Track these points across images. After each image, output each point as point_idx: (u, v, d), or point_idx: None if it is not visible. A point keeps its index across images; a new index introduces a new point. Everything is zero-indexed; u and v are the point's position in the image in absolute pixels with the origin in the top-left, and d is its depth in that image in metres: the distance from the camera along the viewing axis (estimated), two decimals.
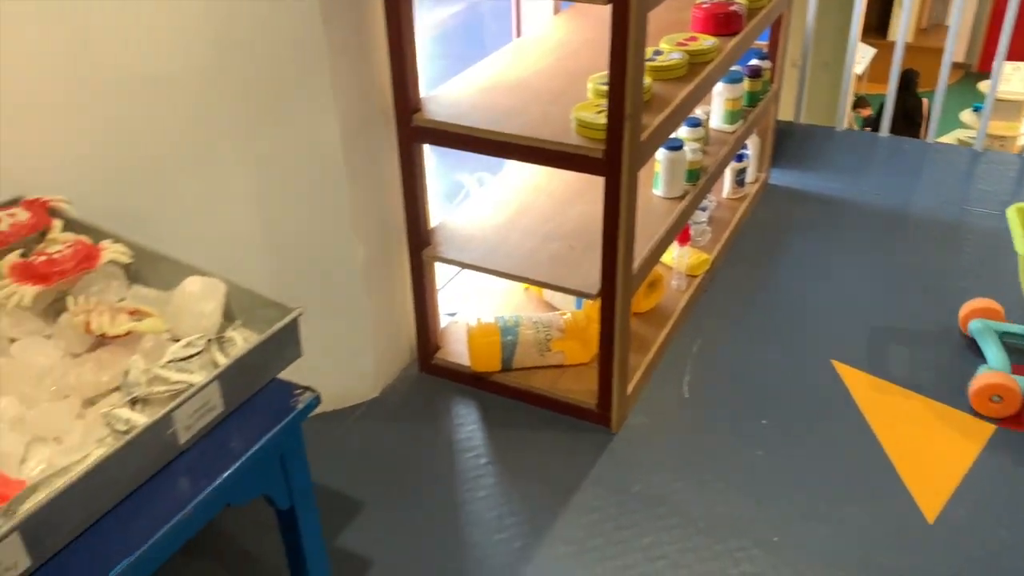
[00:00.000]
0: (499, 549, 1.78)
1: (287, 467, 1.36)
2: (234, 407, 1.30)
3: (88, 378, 1.29)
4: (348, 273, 2.02)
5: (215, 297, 1.40)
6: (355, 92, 1.87)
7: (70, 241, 1.48)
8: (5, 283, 1.39)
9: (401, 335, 2.28)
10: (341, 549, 1.78)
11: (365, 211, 2.00)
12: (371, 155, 1.97)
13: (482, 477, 1.95)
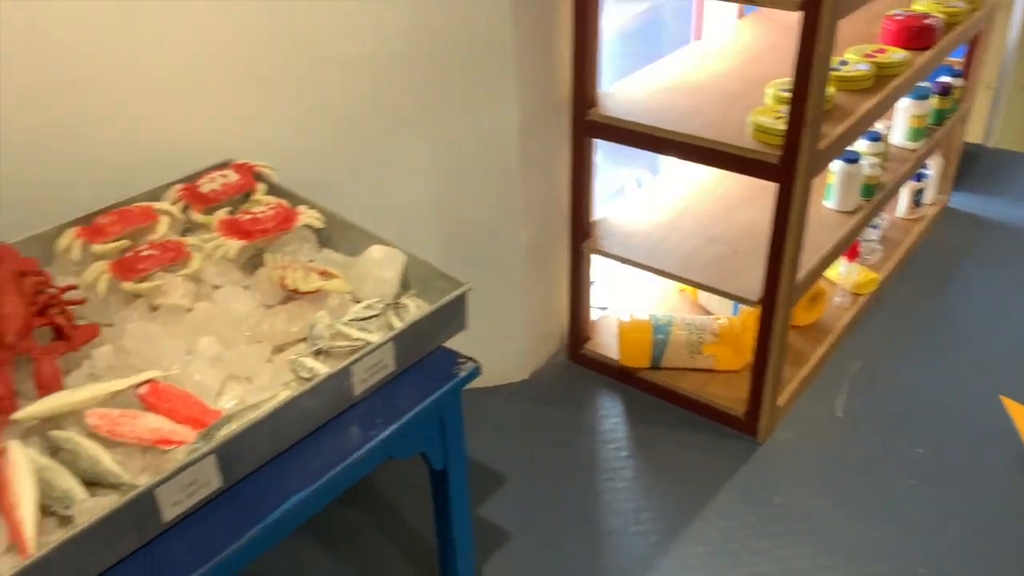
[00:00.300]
0: (635, 540, 1.80)
1: (445, 430, 1.44)
2: (403, 368, 1.39)
3: (279, 327, 1.41)
4: (511, 257, 2.10)
5: (395, 266, 1.50)
6: (536, 84, 1.93)
7: (271, 204, 1.62)
8: (213, 236, 1.55)
9: (553, 323, 2.34)
10: (482, 518, 1.86)
11: (533, 199, 2.07)
12: (544, 146, 2.04)
13: (622, 469, 1.98)
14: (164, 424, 1.20)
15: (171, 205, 1.60)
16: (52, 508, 1.08)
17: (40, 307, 1.33)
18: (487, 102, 1.89)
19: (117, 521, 1.05)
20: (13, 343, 1.25)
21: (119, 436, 1.17)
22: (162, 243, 1.50)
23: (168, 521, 1.11)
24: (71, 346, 1.31)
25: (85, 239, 1.49)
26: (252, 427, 1.18)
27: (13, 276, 1.35)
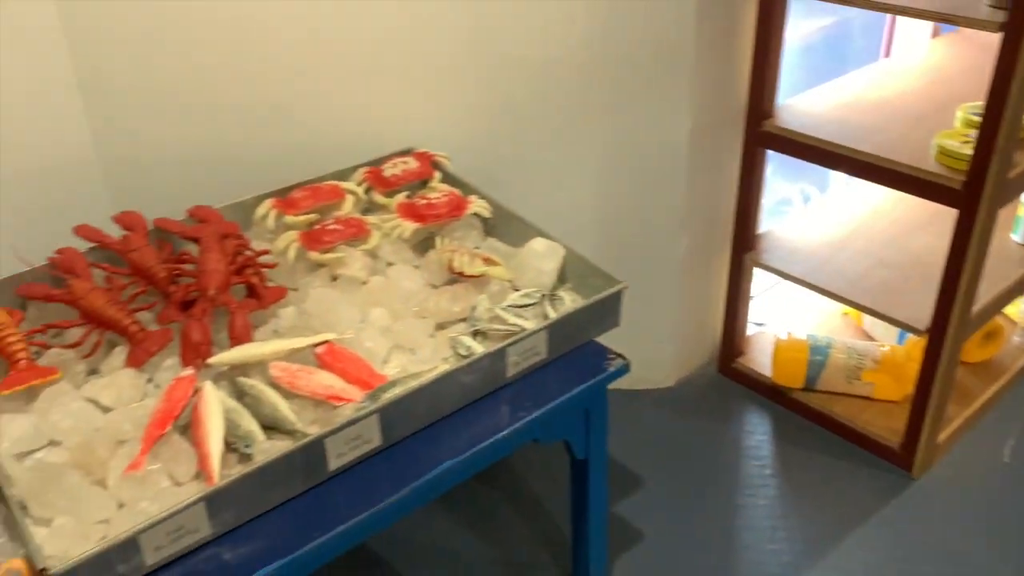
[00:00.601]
0: (768, 558, 1.78)
1: (590, 421, 1.48)
2: (554, 357, 1.45)
3: (443, 306, 1.50)
4: (668, 262, 2.11)
5: (555, 258, 1.56)
6: (711, 91, 1.94)
7: (445, 191, 1.72)
8: (392, 217, 1.66)
9: (706, 333, 2.32)
10: (618, 516, 1.88)
11: (697, 206, 2.07)
12: (714, 153, 2.04)
13: (764, 487, 1.95)
14: (336, 382, 1.31)
15: (356, 186, 1.74)
16: (235, 445, 1.21)
17: (238, 267, 1.48)
18: (661, 106, 1.91)
19: (289, 463, 1.17)
20: (213, 296, 1.40)
21: (296, 389, 1.29)
22: (346, 219, 1.63)
23: (332, 470, 1.22)
24: (262, 304, 1.45)
25: (280, 210, 1.64)
26: (413, 393, 1.27)
27: (217, 237, 1.51)
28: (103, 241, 1.52)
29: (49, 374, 1.28)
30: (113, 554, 1.03)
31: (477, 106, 1.89)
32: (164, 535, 1.07)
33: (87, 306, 1.38)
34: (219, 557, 1.11)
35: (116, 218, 1.57)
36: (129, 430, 1.22)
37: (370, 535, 1.24)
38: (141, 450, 1.16)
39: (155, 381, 1.34)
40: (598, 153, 1.96)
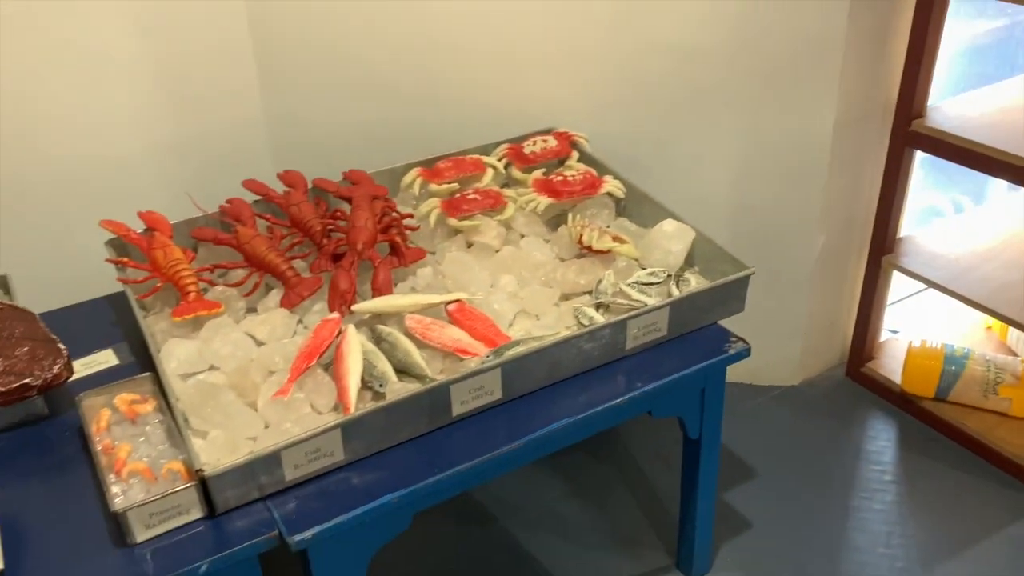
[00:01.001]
0: (880, 561, 1.75)
1: (705, 402, 1.51)
2: (675, 335, 1.48)
3: (570, 278, 1.57)
4: (801, 259, 2.09)
5: (684, 240, 1.59)
6: (859, 87, 1.91)
7: (581, 170, 1.78)
8: (528, 191, 1.74)
9: (835, 334, 2.28)
10: (727, 503, 1.90)
11: (836, 204, 2.04)
12: (857, 151, 2.00)
13: (882, 492, 1.91)
14: (464, 337, 1.40)
15: (497, 160, 1.82)
16: (370, 384, 1.32)
17: (384, 226, 1.60)
18: (806, 100, 1.90)
19: (417, 404, 1.26)
20: (361, 251, 1.52)
21: (428, 340, 1.39)
22: (485, 191, 1.72)
23: (455, 415, 1.31)
24: (403, 262, 1.56)
25: (425, 178, 1.75)
26: (535, 353, 1.34)
27: (368, 198, 1.63)
28: (267, 195, 1.67)
29: (214, 307, 1.43)
30: (258, 465, 1.16)
31: (620, 91, 1.94)
32: (303, 455, 1.18)
33: (250, 251, 1.52)
34: (348, 481, 1.22)
35: (280, 175, 1.72)
36: (279, 362, 1.35)
37: (484, 481, 1.32)
38: (288, 379, 1.28)
39: (304, 322, 1.47)
40: (738, 144, 1.96)
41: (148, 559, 1.10)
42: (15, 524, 1.14)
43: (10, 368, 1.30)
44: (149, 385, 1.32)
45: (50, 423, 1.34)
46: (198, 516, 1.15)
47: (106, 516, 1.16)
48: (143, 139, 1.81)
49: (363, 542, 1.22)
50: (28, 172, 1.71)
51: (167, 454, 1.21)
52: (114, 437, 1.24)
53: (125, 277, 1.50)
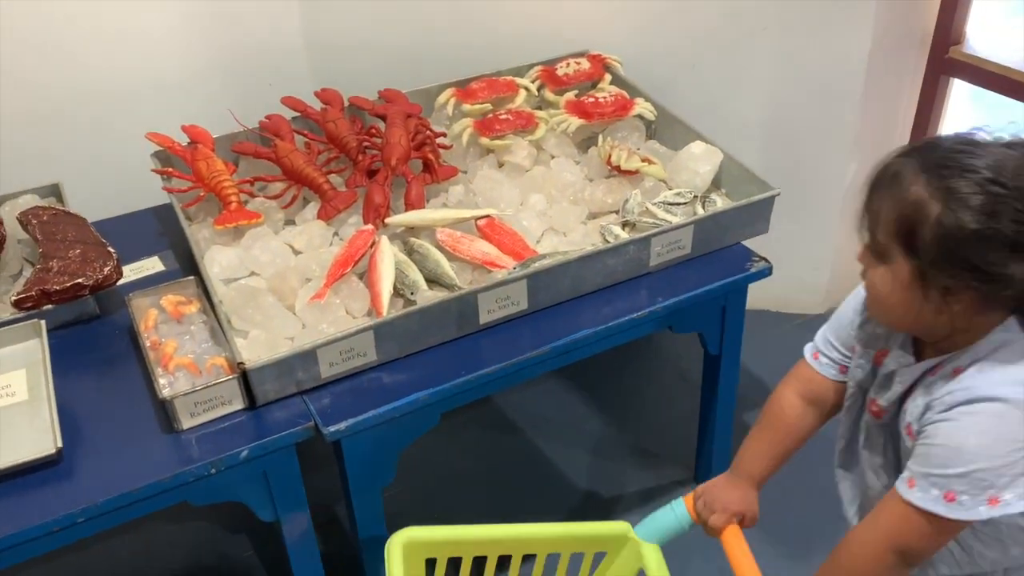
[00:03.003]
0: None
1: (726, 319, 1.55)
2: (699, 253, 1.52)
3: (597, 197, 1.60)
4: (831, 187, 2.09)
5: (711, 162, 1.61)
6: (896, 11, 1.88)
7: (613, 92, 1.79)
8: (559, 112, 1.76)
9: None
10: (745, 423, 1.94)
11: (868, 132, 2.03)
12: (893, 78, 1.98)
13: None
14: (492, 251, 1.45)
15: (530, 82, 1.84)
16: (402, 292, 1.38)
17: (418, 144, 1.64)
18: (841, 24, 1.88)
19: (446, 311, 1.32)
20: (395, 166, 1.56)
21: (458, 252, 1.44)
22: (517, 111, 1.74)
23: (482, 323, 1.36)
24: (435, 179, 1.61)
25: (458, 99, 1.78)
26: (560, 266, 1.38)
27: (402, 116, 1.67)
28: (305, 111, 1.71)
29: (254, 217, 1.50)
30: (296, 361, 1.23)
31: (654, 14, 1.93)
32: (338, 353, 1.25)
33: (288, 165, 1.58)
34: (380, 380, 1.29)
35: (317, 93, 1.77)
36: (316, 270, 1.41)
37: (509, 385, 1.39)
38: (325, 284, 1.34)
39: (340, 234, 1.53)
40: (771, 68, 1.96)
41: (193, 444, 1.19)
42: (72, 411, 1.23)
43: (64, 268, 1.38)
44: (193, 288, 1.39)
45: (101, 322, 1.42)
46: (239, 407, 1.23)
47: (154, 405, 1.24)
48: (187, 57, 1.86)
49: (393, 437, 1.29)
50: (78, 87, 1.77)
51: (210, 351, 1.29)
52: (161, 335, 1.32)
53: (170, 187, 1.56)
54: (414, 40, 1.97)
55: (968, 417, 0.90)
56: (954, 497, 0.90)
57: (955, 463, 0.90)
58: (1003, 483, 0.89)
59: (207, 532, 1.77)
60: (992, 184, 0.84)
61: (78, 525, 1.11)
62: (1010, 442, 0.89)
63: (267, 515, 1.27)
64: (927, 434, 0.93)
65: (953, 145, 0.90)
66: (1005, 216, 0.84)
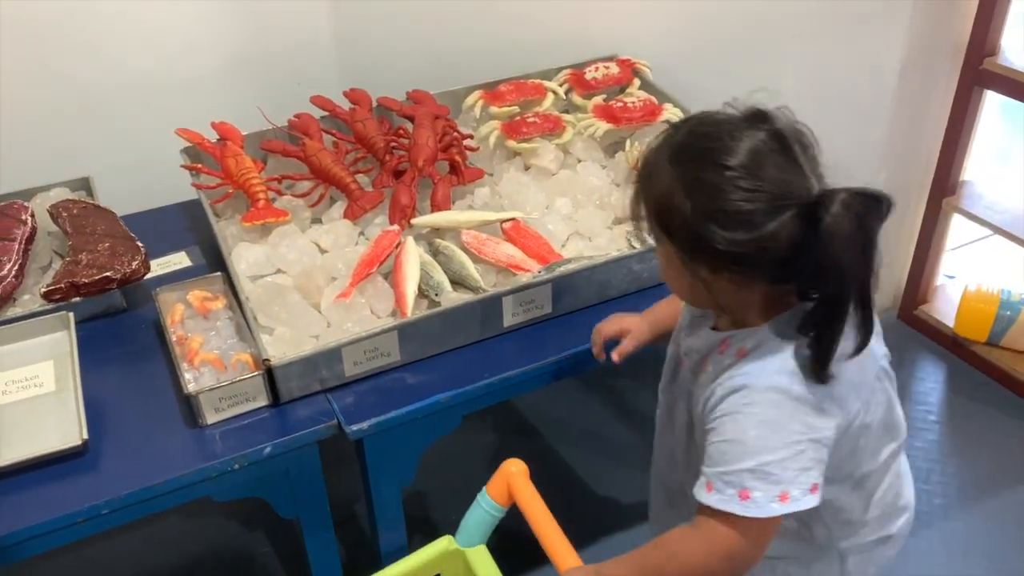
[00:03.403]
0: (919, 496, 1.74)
1: None
2: None
3: (624, 202, 1.58)
4: None
5: None
6: (931, 22, 1.87)
7: (642, 97, 1.79)
8: (587, 116, 1.76)
9: (890, 277, 2.27)
10: None
11: (897, 142, 2.02)
12: (924, 88, 1.97)
13: (925, 431, 1.93)
14: (517, 254, 1.44)
15: (558, 85, 1.84)
16: (426, 292, 1.38)
17: (445, 145, 1.64)
18: (874, 33, 1.87)
19: (470, 313, 1.32)
20: (422, 167, 1.56)
21: (483, 255, 1.44)
22: (544, 114, 1.74)
23: (506, 326, 1.36)
24: (461, 180, 1.61)
25: (486, 101, 1.78)
26: (585, 271, 1.38)
27: (430, 117, 1.67)
28: (334, 110, 1.72)
29: (281, 215, 1.50)
30: (320, 359, 1.23)
31: (685, 20, 1.93)
32: (362, 352, 1.25)
33: (316, 163, 1.58)
34: (404, 380, 1.29)
35: (346, 93, 1.77)
36: (342, 269, 1.41)
37: (531, 389, 1.38)
38: (350, 283, 1.35)
39: (366, 234, 1.53)
40: (801, 76, 1.95)
41: (217, 439, 1.19)
42: (97, 403, 1.24)
43: (92, 261, 1.39)
44: (220, 284, 1.40)
45: (127, 316, 1.43)
46: (264, 404, 1.23)
47: (179, 399, 1.25)
48: (216, 54, 1.87)
49: (415, 438, 1.29)
50: (109, 83, 1.79)
51: (235, 347, 1.29)
52: (187, 330, 1.33)
53: (199, 183, 1.57)
54: (443, 41, 1.97)
55: (747, 409, 0.92)
56: (748, 495, 0.91)
57: (742, 457, 0.91)
58: (789, 477, 0.91)
59: (224, 527, 1.78)
60: (725, 169, 0.89)
61: (102, 517, 1.12)
62: (789, 433, 0.91)
63: (287, 512, 1.28)
64: (714, 430, 0.95)
65: (693, 128, 0.97)
66: (736, 197, 0.88)
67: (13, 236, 1.45)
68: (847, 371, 0.95)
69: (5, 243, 1.43)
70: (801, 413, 0.92)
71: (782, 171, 0.90)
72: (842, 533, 1.09)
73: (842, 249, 0.87)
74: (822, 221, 0.87)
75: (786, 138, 0.93)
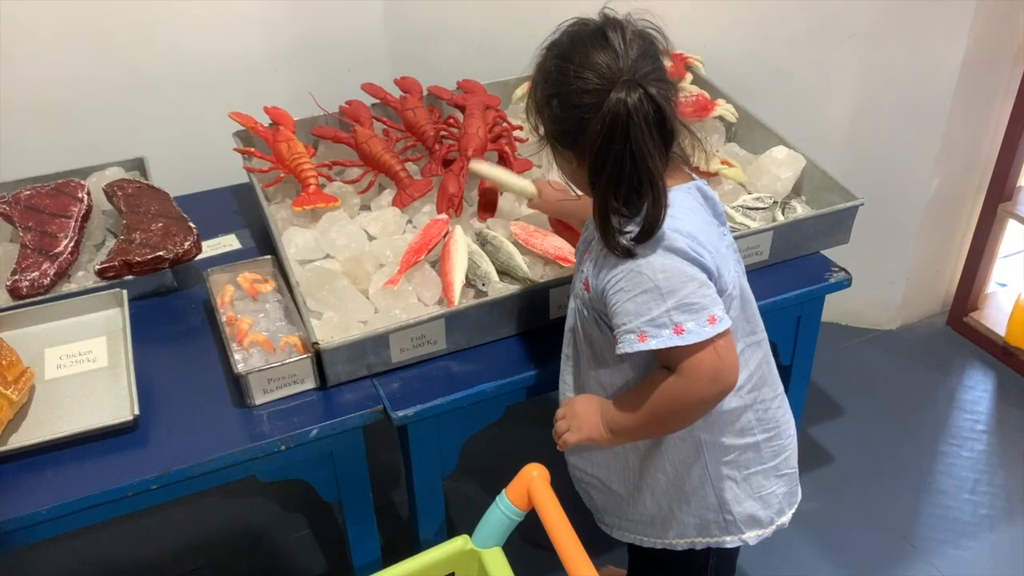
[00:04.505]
0: (964, 506, 1.74)
1: (800, 329, 1.51)
2: (776, 261, 1.48)
3: None
4: (912, 201, 2.04)
5: (793, 168, 1.58)
6: (993, 22, 1.82)
7: (694, 92, 1.77)
8: None
9: (940, 283, 2.23)
10: (811, 436, 1.91)
11: (954, 146, 1.97)
12: (985, 92, 1.92)
13: (972, 440, 1.89)
14: (565, 246, 1.43)
15: None
16: (473, 282, 1.37)
17: (495, 136, 1.63)
18: (935, 33, 1.82)
19: (517, 303, 1.32)
20: (471, 157, 1.56)
21: (531, 246, 1.43)
22: None
23: (553, 318, 1.35)
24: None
25: None
26: None
27: (481, 107, 1.67)
28: (385, 98, 1.72)
29: (331, 201, 1.51)
30: (368, 345, 1.23)
31: (738, 15, 1.90)
32: (409, 339, 1.26)
33: (367, 150, 1.59)
34: (449, 368, 1.29)
35: (397, 81, 1.77)
36: (390, 256, 1.42)
37: None
38: (399, 270, 1.35)
39: (413, 222, 1.53)
40: (858, 76, 1.91)
41: (265, 420, 1.20)
42: (148, 380, 1.25)
43: (146, 241, 1.41)
44: (269, 267, 1.41)
45: (178, 295, 1.45)
46: (311, 386, 1.24)
47: (228, 379, 1.26)
48: (269, 40, 1.89)
49: (458, 426, 1.29)
50: (166, 67, 1.82)
51: (284, 330, 1.30)
52: (236, 311, 1.34)
53: (251, 166, 1.58)
54: (494, 32, 1.96)
55: (645, 266, 0.99)
56: (682, 328, 0.99)
57: (660, 301, 0.99)
58: (708, 302, 0.99)
59: (264, 507, 1.80)
60: (555, 58, 1.05)
61: (150, 492, 1.13)
62: (687, 274, 0.99)
63: (330, 495, 1.29)
64: (621, 291, 1.01)
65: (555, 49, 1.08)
66: (560, 78, 1.02)
67: (70, 213, 1.47)
68: (698, 230, 1.03)
69: (62, 219, 1.46)
70: (685, 264, 1.00)
71: (596, 55, 1.00)
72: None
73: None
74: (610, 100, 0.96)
75: (604, 29, 1.03)
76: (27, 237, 1.43)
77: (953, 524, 1.71)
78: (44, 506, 1.09)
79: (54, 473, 1.13)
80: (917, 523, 1.72)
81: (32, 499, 1.09)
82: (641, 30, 1.05)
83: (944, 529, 1.71)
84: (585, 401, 1.14)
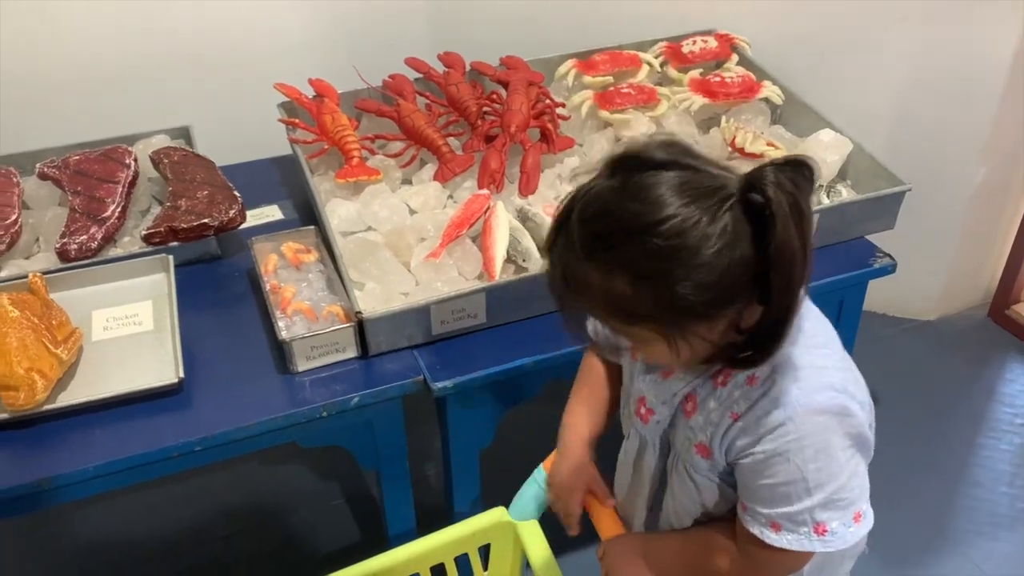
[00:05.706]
0: (1001, 499, 1.72)
1: (842, 313, 1.50)
2: (820, 245, 1.39)
3: None
4: (958, 190, 2.00)
5: (840, 151, 1.56)
6: None
7: (740, 73, 1.75)
8: (683, 90, 1.73)
9: (982, 274, 2.19)
10: None
11: (1004, 133, 1.93)
12: None
13: (1012, 434, 1.86)
14: None
15: (654, 57, 1.81)
16: (514, 258, 1.37)
17: (537, 112, 1.63)
18: (987, 18, 1.78)
19: None
20: (513, 133, 1.56)
21: None
22: (639, 86, 1.72)
23: None
24: (552, 149, 1.60)
25: (579, 70, 1.76)
26: None
27: (524, 84, 1.66)
28: (428, 73, 1.72)
29: (374, 174, 1.52)
30: (409, 316, 1.24)
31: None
32: (450, 312, 1.26)
33: (409, 124, 1.59)
34: (488, 342, 1.29)
35: (440, 56, 1.77)
36: (431, 230, 1.42)
37: None
38: (440, 244, 1.35)
39: (455, 197, 1.54)
40: (906, 61, 1.88)
41: (307, 386, 1.21)
42: (192, 344, 1.27)
43: (191, 208, 1.43)
44: (313, 238, 1.42)
45: (222, 263, 1.47)
46: (353, 355, 1.25)
47: (271, 346, 1.28)
48: (314, 12, 1.90)
49: (496, 400, 1.30)
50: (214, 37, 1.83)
51: (326, 299, 1.31)
52: (280, 280, 1.35)
53: (296, 137, 1.59)
54: (538, 9, 1.96)
55: (797, 444, 0.83)
56: (825, 528, 0.86)
57: (808, 494, 0.84)
58: (856, 494, 0.87)
59: (298, 476, 1.82)
60: (647, 229, 0.74)
61: (194, 453, 1.15)
62: (842, 449, 0.85)
63: (368, 464, 1.30)
64: (757, 473, 0.86)
65: (583, 216, 0.79)
66: (676, 244, 0.73)
67: (117, 179, 1.49)
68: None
69: (110, 185, 1.48)
70: (847, 425, 0.86)
71: (698, 184, 0.75)
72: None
73: (788, 227, 0.72)
74: (765, 199, 0.72)
75: (673, 160, 0.76)
76: (76, 201, 1.46)
77: (990, 517, 1.70)
78: (92, 463, 1.11)
79: (102, 432, 1.15)
80: (952, 515, 1.71)
81: (81, 456, 1.12)
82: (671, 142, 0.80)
83: (980, 521, 1.69)
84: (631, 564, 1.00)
